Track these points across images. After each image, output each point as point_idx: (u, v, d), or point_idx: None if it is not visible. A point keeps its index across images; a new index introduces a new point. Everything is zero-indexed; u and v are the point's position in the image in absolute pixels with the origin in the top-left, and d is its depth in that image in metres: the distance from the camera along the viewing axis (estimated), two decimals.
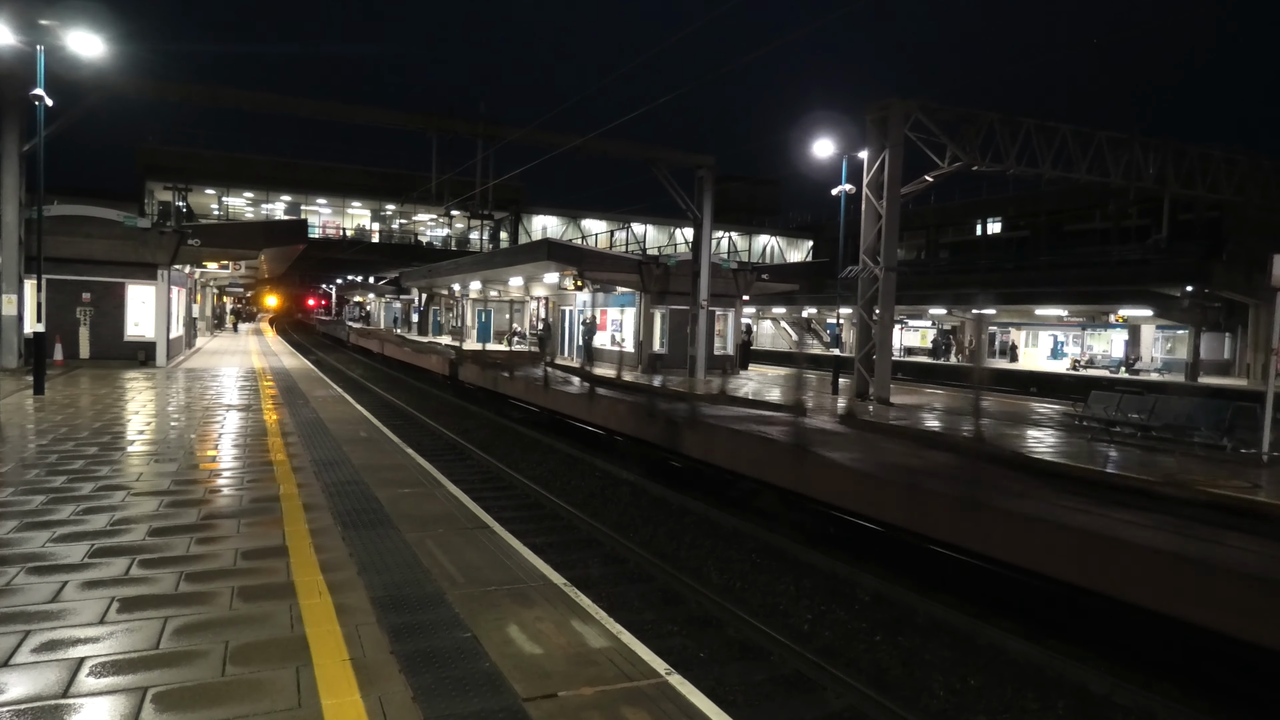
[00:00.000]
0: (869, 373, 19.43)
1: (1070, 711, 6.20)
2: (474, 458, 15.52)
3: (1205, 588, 6.22)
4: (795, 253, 63.80)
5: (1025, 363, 41.64)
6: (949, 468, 9.99)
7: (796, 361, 39.80)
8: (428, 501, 7.70)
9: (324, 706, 3.68)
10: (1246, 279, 29.11)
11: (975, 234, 51.59)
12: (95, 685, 3.81)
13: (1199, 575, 6.28)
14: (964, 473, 9.38)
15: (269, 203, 55.18)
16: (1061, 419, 16.34)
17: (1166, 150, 23.37)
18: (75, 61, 16.54)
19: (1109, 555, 6.89)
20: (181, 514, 6.85)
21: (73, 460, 8.91)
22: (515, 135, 23.38)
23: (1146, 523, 7.52)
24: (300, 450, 10.12)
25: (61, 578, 5.20)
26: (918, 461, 10.68)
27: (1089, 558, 7.04)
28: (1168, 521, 7.60)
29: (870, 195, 19.54)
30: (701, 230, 25.62)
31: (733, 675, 6.55)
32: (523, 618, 4.81)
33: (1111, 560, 6.86)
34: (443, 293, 53.85)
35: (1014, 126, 20.01)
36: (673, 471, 13.82)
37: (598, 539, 10.31)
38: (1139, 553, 6.69)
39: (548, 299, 37.26)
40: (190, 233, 23.04)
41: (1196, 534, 7.17)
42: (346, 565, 5.66)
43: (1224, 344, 34.55)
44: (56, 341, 20.56)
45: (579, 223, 59.42)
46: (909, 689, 6.51)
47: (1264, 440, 11.51)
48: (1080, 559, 7.11)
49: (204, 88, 22.03)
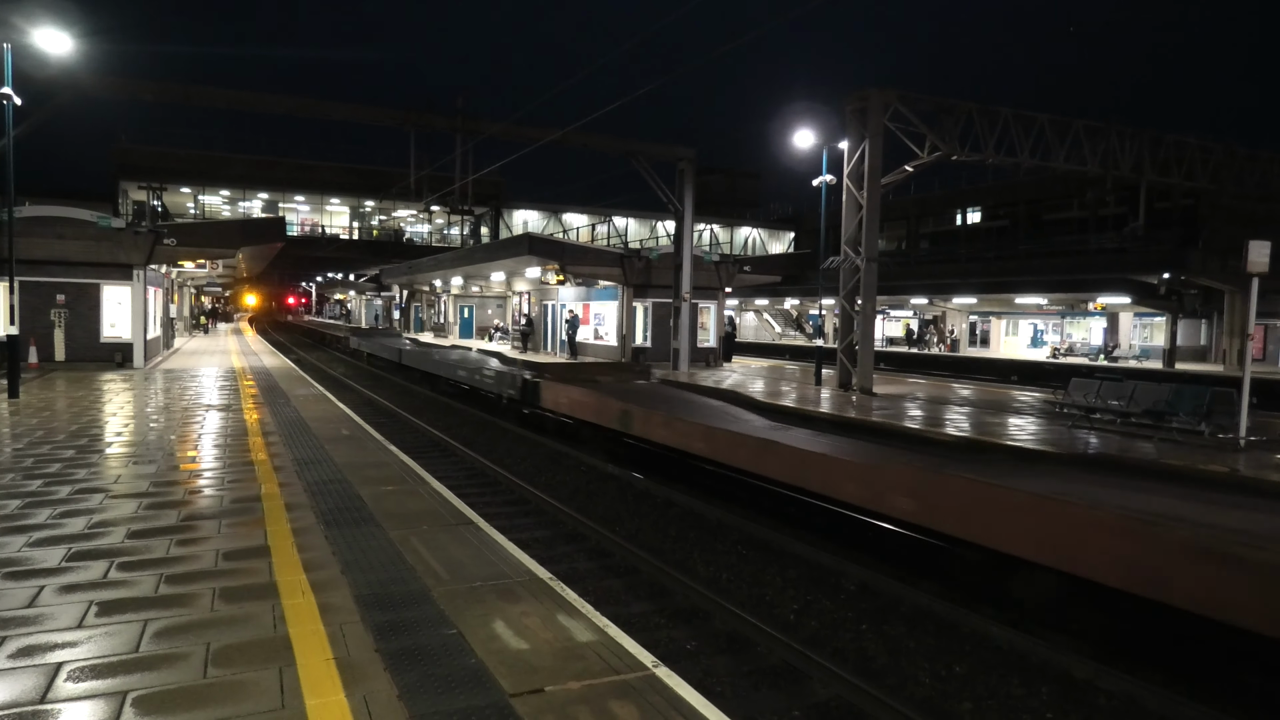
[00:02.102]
0: (852, 363, 19.50)
1: (1054, 696, 6.25)
2: (457, 454, 15.45)
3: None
4: (777, 244, 63.98)
5: (1006, 351, 41.99)
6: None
7: (780, 353, 39.95)
8: (411, 499, 7.66)
9: (308, 707, 3.64)
10: (1222, 266, 29.48)
11: (955, 224, 51.94)
12: (74, 690, 3.75)
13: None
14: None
15: (246, 201, 54.68)
16: (1042, 406, 16.47)
17: (1143, 139, 23.60)
18: (44, 59, 16.28)
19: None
20: (161, 516, 6.77)
21: (49, 464, 8.79)
22: (494, 130, 23.26)
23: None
24: (282, 449, 10.03)
25: (39, 582, 5.12)
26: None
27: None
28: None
29: (851, 186, 19.59)
30: (683, 223, 25.59)
31: (720, 667, 6.55)
32: (508, 613, 4.79)
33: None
34: (424, 289, 53.56)
35: (992, 116, 20.13)
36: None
37: (583, 533, 10.29)
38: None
39: (530, 294, 37.14)
40: (166, 232, 22.75)
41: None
42: (330, 564, 5.61)
43: (1200, 330, 34.98)
44: (31, 344, 20.26)
45: (560, 217, 59.30)
46: (895, 677, 6.54)
47: (1241, 425, 11.65)
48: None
49: (177, 86, 21.73)
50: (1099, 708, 6.12)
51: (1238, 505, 7.72)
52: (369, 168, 53.82)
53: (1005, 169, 22.54)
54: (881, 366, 27.53)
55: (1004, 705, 6.12)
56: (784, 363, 32.88)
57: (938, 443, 12.11)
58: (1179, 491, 8.37)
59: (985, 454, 11.00)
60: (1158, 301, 31.67)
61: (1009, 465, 9.84)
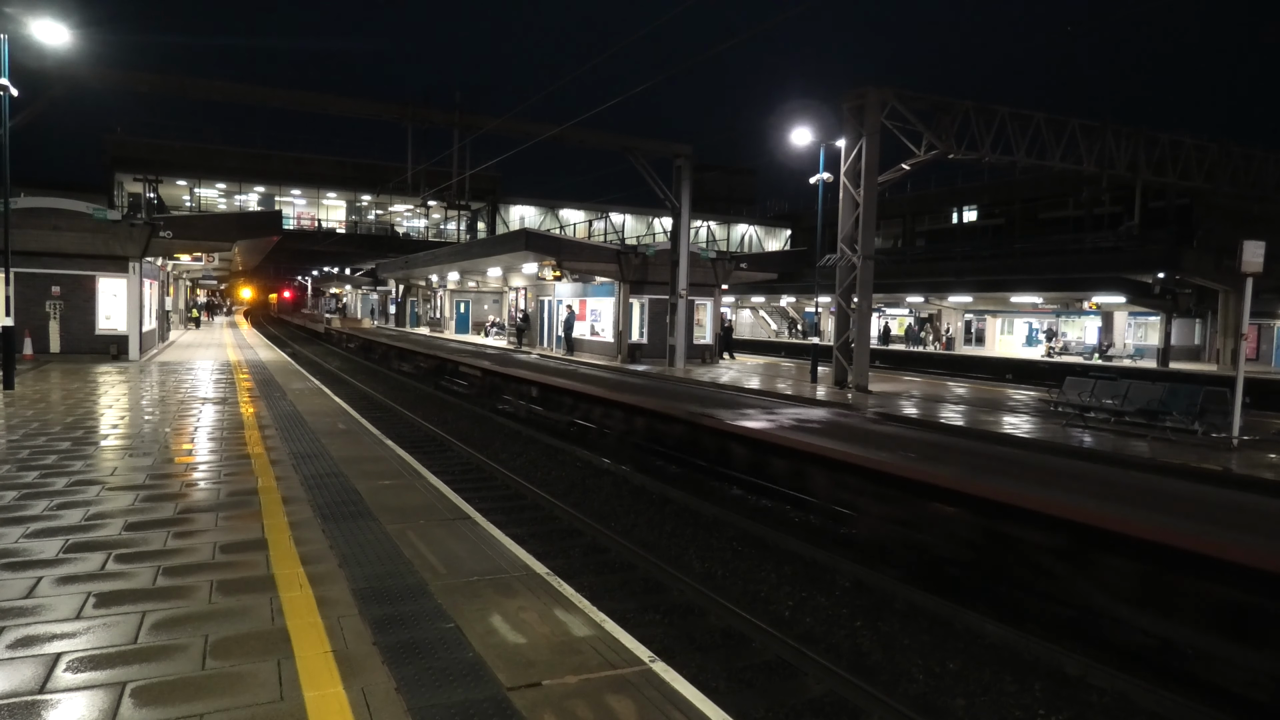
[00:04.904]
0: (848, 360, 19.54)
1: (1047, 693, 6.29)
2: (454, 449, 15.45)
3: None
4: (773, 241, 63.98)
5: (1001, 349, 42.08)
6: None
7: (777, 350, 39.94)
8: (408, 493, 7.67)
9: (306, 699, 3.66)
10: (1216, 265, 29.58)
11: (951, 222, 51.99)
12: (72, 680, 3.76)
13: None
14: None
15: (242, 194, 54.49)
16: (1037, 405, 16.54)
17: (1138, 138, 23.66)
18: (40, 50, 16.21)
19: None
20: (158, 508, 6.78)
21: (45, 455, 8.78)
22: (492, 125, 23.24)
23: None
24: (278, 443, 10.03)
25: (36, 573, 5.13)
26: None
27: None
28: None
29: (847, 184, 19.62)
30: (680, 219, 25.60)
31: (715, 662, 6.58)
32: (506, 608, 4.81)
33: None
34: (420, 284, 53.52)
35: (989, 114, 20.16)
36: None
37: (579, 529, 10.32)
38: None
39: (526, 289, 37.13)
40: (162, 225, 22.70)
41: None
42: (327, 557, 5.63)
43: (1194, 330, 35.10)
44: (26, 336, 20.21)
45: (557, 213, 59.23)
46: (889, 673, 6.58)
47: (1234, 424, 11.72)
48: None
49: (173, 78, 21.69)
50: (1091, 704, 6.16)
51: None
52: (366, 162, 53.73)
53: (1001, 167, 22.60)
54: (877, 364, 27.57)
55: (997, 702, 6.17)
56: (780, 360, 32.94)
57: (941, 434, 12.16)
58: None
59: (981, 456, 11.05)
60: (1152, 301, 31.77)
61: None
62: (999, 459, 10.26)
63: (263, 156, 52.59)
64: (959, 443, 11.69)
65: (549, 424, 18.03)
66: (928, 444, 11.22)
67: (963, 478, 8.70)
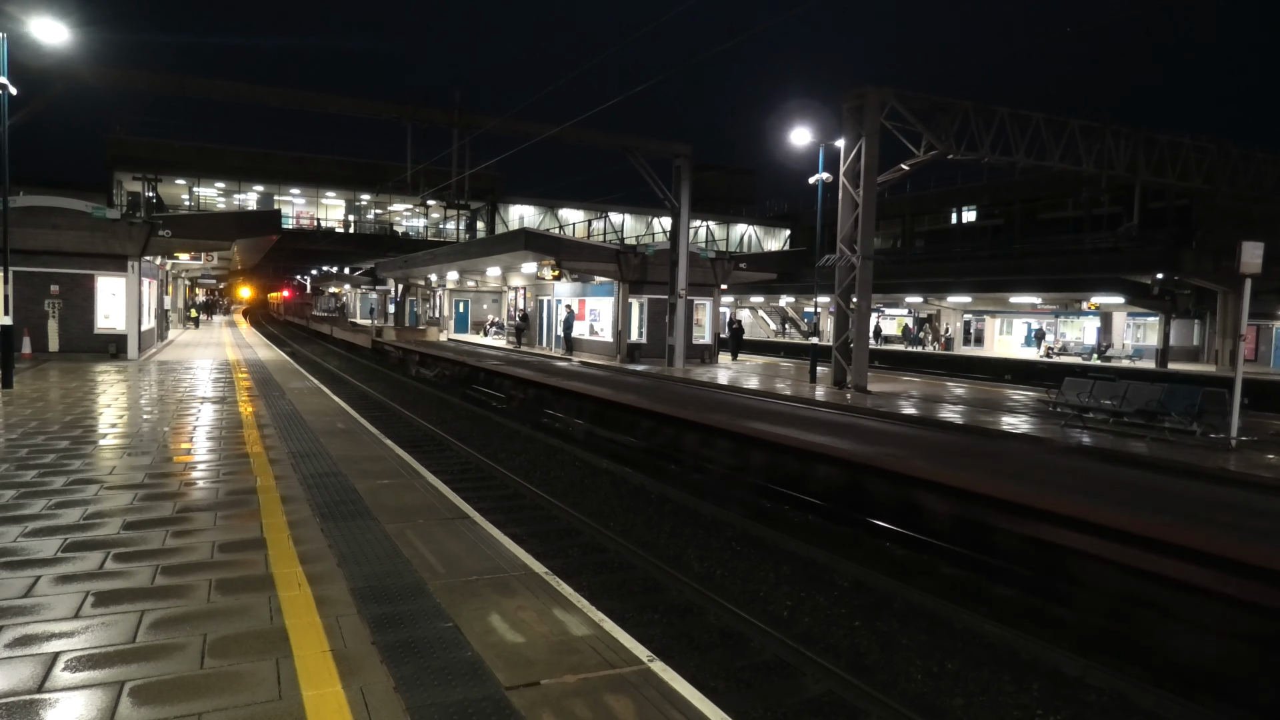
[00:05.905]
0: (847, 361, 19.54)
1: (1045, 693, 6.30)
2: (452, 448, 15.46)
3: None
4: (772, 242, 63.97)
5: (1000, 350, 42.09)
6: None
7: (776, 350, 39.90)
8: (407, 492, 7.67)
9: (305, 698, 3.66)
10: (1215, 266, 29.60)
11: (950, 222, 52.01)
12: (71, 679, 3.76)
13: None
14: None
15: (241, 193, 54.42)
16: (1036, 405, 16.54)
17: (1138, 139, 23.65)
18: (39, 49, 16.20)
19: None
20: (156, 507, 6.77)
21: (44, 454, 8.77)
22: (491, 124, 23.25)
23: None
24: (277, 442, 10.03)
25: (34, 572, 5.13)
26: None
27: None
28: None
29: (847, 184, 19.62)
30: (679, 219, 25.60)
31: (714, 662, 6.59)
32: (504, 607, 4.81)
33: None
34: (419, 283, 53.45)
35: (988, 115, 20.15)
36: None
37: (578, 528, 10.32)
38: None
39: (526, 289, 37.12)
40: (161, 224, 22.68)
41: None
42: (326, 557, 5.63)
43: (1193, 331, 35.12)
44: (24, 334, 20.20)
45: (556, 212, 59.19)
46: (887, 673, 6.58)
47: (1232, 425, 11.73)
48: None
49: (172, 77, 21.67)
50: (1089, 704, 6.17)
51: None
52: (365, 161, 53.62)
53: (1001, 168, 22.58)
54: (876, 364, 27.58)
55: (995, 701, 6.17)
56: (779, 360, 32.94)
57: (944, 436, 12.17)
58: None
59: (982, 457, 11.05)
60: (1151, 301, 31.78)
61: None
62: (1030, 463, 10.25)
63: (262, 155, 52.53)
64: (958, 440, 11.69)
65: (549, 425, 18.03)
66: (943, 445, 11.22)
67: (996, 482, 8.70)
